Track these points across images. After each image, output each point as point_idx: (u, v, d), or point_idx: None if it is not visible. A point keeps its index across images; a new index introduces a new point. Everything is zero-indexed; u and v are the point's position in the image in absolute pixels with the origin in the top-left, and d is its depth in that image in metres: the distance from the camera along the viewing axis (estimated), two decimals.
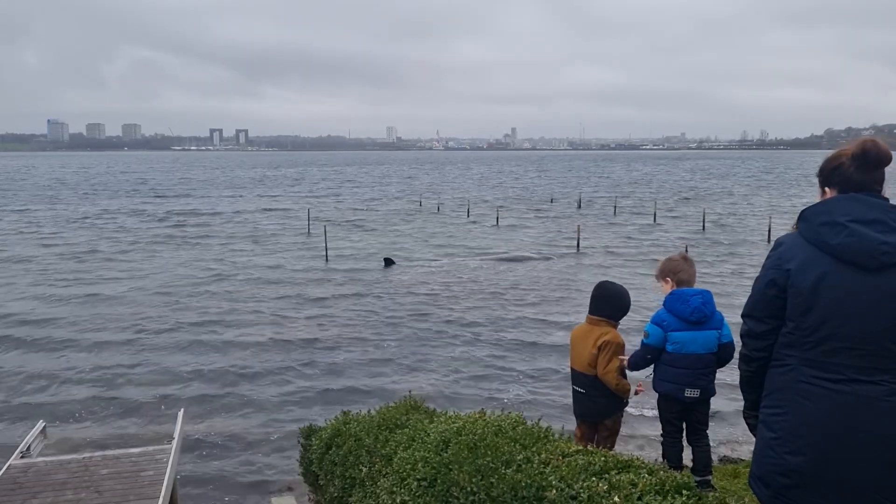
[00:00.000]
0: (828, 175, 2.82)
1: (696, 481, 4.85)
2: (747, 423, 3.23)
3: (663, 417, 5.37)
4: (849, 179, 2.71)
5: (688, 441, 5.39)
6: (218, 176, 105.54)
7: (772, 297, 2.81)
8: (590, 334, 5.31)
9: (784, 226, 29.66)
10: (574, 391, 5.40)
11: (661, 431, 5.41)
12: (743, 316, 2.98)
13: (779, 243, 2.86)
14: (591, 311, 5.40)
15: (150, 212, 46.43)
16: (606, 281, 5.62)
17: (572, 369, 5.42)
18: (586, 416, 5.44)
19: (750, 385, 3.05)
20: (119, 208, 49.28)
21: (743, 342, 3.00)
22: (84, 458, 6.60)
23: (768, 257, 2.89)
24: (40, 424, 7.26)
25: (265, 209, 48.83)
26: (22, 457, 6.48)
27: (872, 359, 2.56)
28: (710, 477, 5.37)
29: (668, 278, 5.13)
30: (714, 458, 8.55)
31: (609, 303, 5.41)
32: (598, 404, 5.36)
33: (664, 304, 5.08)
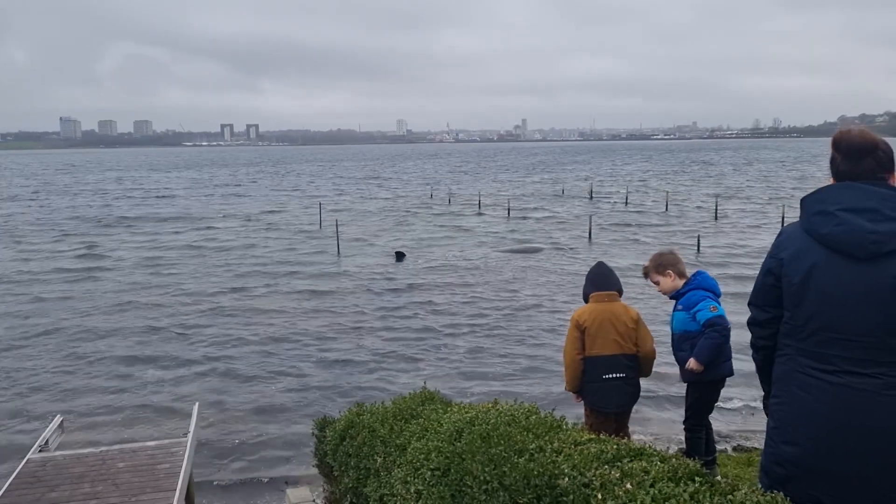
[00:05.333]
0: (830, 165, 2.82)
1: (705, 461, 4.88)
2: (765, 412, 3.27)
3: (706, 406, 5.25)
4: (839, 171, 2.70)
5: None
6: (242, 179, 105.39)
7: (769, 286, 2.81)
8: (619, 310, 5.00)
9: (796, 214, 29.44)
10: (610, 380, 4.94)
11: (692, 425, 5.27)
12: (748, 304, 2.99)
13: (780, 232, 2.88)
14: (602, 287, 5.10)
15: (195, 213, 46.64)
16: (600, 261, 5.47)
17: (601, 357, 4.92)
18: (628, 403, 5.07)
19: (760, 373, 3.07)
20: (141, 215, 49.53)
21: (750, 330, 3.01)
22: (101, 451, 6.66)
23: (771, 245, 2.89)
24: (58, 419, 7.32)
25: (275, 206, 48.98)
26: (40, 451, 6.54)
27: (868, 351, 2.52)
28: (715, 454, 5.46)
29: (670, 272, 5.17)
30: (728, 446, 8.56)
31: (614, 277, 5.25)
32: (637, 386, 5.08)
33: (699, 286, 5.08)
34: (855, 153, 2.64)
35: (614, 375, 4.93)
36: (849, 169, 2.65)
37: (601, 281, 5.13)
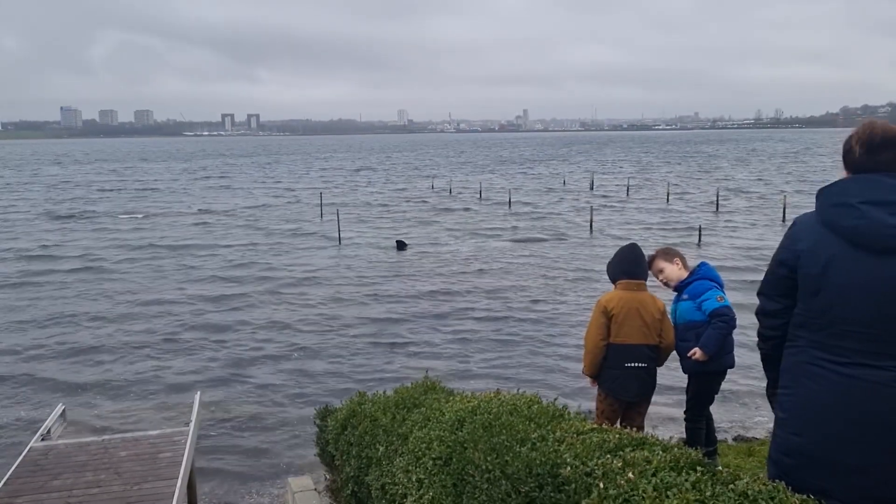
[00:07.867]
0: (843, 157, 2.80)
1: (707, 451, 4.89)
2: (769, 401, 3.27)
3: (707, 397, 5.25)
4: (857, 163, 2.69)
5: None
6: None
7: (782, 276, 2.81)
8: (647, 300, 4.91)
9: (800, 206, 29.46)
10: (631, 369, 4.88)
11: (693, 415, 5.26)
12: (757, 294, 2.99)
13: (794, 223, 2.86)
14: (633, 276, 4.97)
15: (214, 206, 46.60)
16: (633, 243, 5.27)
17: (625, 345, 4.86)
18: (645, 393, 5.01)
19: (767, 363, 3.06)
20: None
21: (757, 319, 3.01)
22: (103, 440, 6.69)
23: (784, 236, 2.88)
24: (60, 408, 7.35)
25: (273, 197, 48.96)
26: (42, 439, 6.57)
27: (880, 344, 2.52)
28: (716, 445, 5.51)
29: (678, 260, 5.19)
30: (728, 437, 8.58)
31: (645, 264, 5.11)
32: (654, 377, 5.03)
33: (704, 276, 5.07)
34: (876, 147, 2.64)
35: (636, 364, 4.87)
36: (866, 162, 2.65)
37: (633, 269, 5.00)
